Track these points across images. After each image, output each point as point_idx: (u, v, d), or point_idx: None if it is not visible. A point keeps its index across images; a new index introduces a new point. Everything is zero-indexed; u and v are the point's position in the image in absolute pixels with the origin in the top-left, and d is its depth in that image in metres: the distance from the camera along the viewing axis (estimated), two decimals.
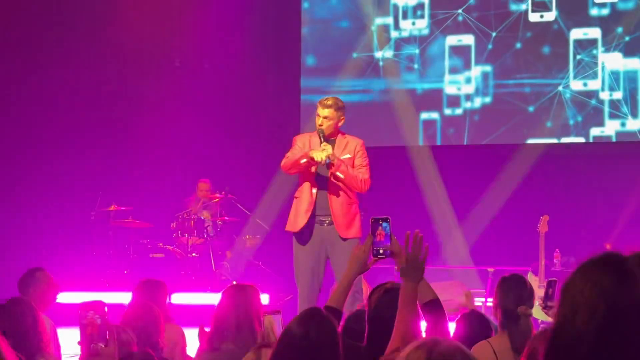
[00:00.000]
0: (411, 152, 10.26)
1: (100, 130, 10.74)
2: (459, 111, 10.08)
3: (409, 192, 10.13)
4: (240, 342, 3.75)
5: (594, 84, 9.66)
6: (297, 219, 6.28)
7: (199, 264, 9.89)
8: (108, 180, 10.34)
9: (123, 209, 9.91)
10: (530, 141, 9.88)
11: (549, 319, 8.06)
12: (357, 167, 6.28)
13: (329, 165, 6.12)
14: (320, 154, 6.06)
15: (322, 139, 6.16)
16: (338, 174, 6.15)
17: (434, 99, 10.15)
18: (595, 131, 9.72)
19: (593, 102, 9.67)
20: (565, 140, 9.81)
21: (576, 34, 9.71)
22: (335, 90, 10.33)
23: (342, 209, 6.22)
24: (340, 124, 6.31)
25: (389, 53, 10.29)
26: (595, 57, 9.63)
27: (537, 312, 8.34)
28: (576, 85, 9.71)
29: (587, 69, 9.65)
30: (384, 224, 3.20)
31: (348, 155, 6.25)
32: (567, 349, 1.62)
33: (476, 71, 10.03)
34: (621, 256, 1.67)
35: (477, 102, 10.03)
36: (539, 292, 8.39)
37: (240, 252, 10.16)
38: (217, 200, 10.07)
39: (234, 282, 9.56)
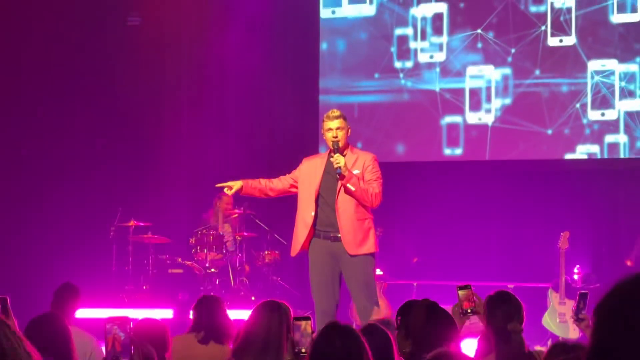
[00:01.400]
0: (431, 167, 10.23)
1: (120, 145, 10.78)
2: (480, 116, 10.05)
3: (428, 208, 10.10)
4: None
5: (611, 114, 9.59)
6: (295, 244, 6.27)
7: (218, 280, 9.89)
8: (127, 196, 10.37)
9: (142, 224, 9.93)
10: (551, 157, 9.82)
11: (571, 335, 8.01)
12: (368, 181, 6.12)
13: (340, 176, 6.00)
14: (339, 160, 5.98)
15: (336, 151, 6.05)
16: (349, 186, 5.99)
17: (455, 103, 10.13)
18: (609, 138, 9.67)
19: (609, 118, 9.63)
20: (581, 147, 9.71)
21: (594, 65, 9.64)
22: (355, 91, 10.37)
23: (352, 225, 6.07)
24: (349, 133, 6.25)
25: (409, 64, 10.29)
26: (612, 86, 9.57)
27: (558, 329, 8.30)
28: (594, 115, 9.65)
29: (604, 98, 9.58)
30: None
31: (357, 171, 6.11)
32: None
33: (496, 74, 10.01)
34: None
35: (498, 103, 10.00)
36: (560, 308, 8.35)
37: (259, 268, 10.16)
38: (236, 215, 10.08)
39: (253, 298, 9.60)
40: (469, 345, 4.35)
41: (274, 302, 4.00)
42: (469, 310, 4.06)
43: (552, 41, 9.78)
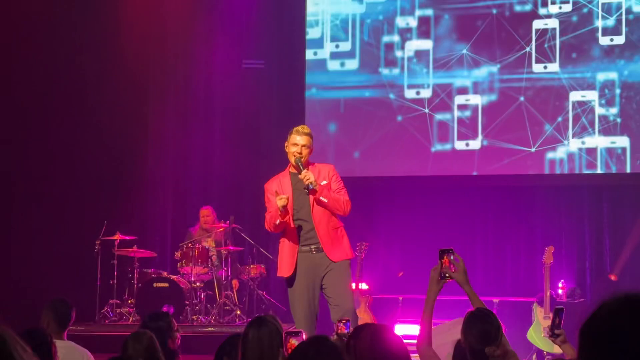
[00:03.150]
0: (415, 182, 10.25)
1: (105, 159, 10.76)
2: (468, 142, 10.08)
3: (414, 222, 10.11)
4: None
5: (591, 142, 9.64)
6: (285, 266, 6.32)
7: (203, 294, 9.88)
8: (113, 209, 10.35)
9: (127, 238, 9.91)
10: (535, 172, 9.85)
11: (555, 350, 8.02)
12: (335, 190, 6.29)
13: (311, 191, 6.12)
14: (308, 176, 6.08)
15: (301, 167, 6.15)
16: (322, 198, 6.14)
17: (444, 132, 10.15)
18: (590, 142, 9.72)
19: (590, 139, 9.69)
20: (561, 149, 9.74)
21: (575, 96, 9.70)
22: (344, 86, 10.38)
23: (329, 236, 6.23)
24: (311, 153, 6.32)
25: (395, 71, 10.31)
26: (593, 114, 9.63)
27: (543, 343, 8.32)
28: (575, 143, 9.70)
29: (584, 127, 9.65)
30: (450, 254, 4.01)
31: (325, 182, 6.25)
32: None
33: (482, 101, 10.04)
34: None
35: (484, 127, 10.02)
36: (545, 323, 8.36)
37: (245, 282, 10.14)
38: (221, 229, 10.07)
39: (238, 312, 9.58)
40: None
41: (262, 317, 4.04)
42: (446, 275, 4.11)
43: (537, 68, 9.83)
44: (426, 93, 10.17)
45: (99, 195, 10.60)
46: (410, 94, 10.24)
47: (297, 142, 6.20)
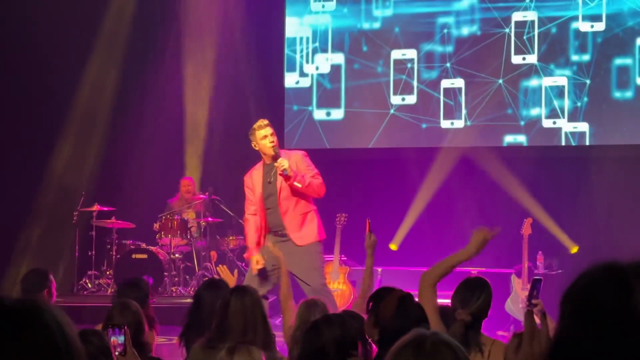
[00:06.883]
0: (395, 153, 10.26)
1: (83, 129, 10.68)
2: (452, 121, 10.08)
3: (392, 194, 10.13)
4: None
5: (561, 122, 9.68)
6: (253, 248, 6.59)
7: (182, 265, 9.86)
8: (91, 180, 10.29)
9: (106, 209, 9.87)
10: (511, 143, 9.88)
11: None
12: (309, 177, 6.56)
13: (286, 177, 6.38)
14: (282, 163, 6.36)
15: (277, 156, 6.45)
16: (296, 184, 6.41)
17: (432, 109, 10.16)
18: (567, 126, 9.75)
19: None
20: (537, 125, 9.77)
21: (547, 81, 9.75)
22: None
23: (296, 221, 6.53)
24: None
25: (376, 24, 10.30)
26: (563, 97, 9.67)
27: (520, 314, 8.38)
28: (547, 123, 9.73)
29: (555, 112, 9.70)
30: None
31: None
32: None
33: (466, 85, 10.03)
34: (620, 267, 1.62)
35: (467, 107, 10.03)
36: (523, 294, 8.42)
37: (224, 253, 10.14)
38: (200, 201, 10.04)
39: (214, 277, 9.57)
40: None
41: (244, 286, 4.07)
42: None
43: (516, 59, 9.83)
44: (412, 99, 10.15)
45: (77, 166, 10.53)
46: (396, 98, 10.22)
47: (265, 134, 6.49)
